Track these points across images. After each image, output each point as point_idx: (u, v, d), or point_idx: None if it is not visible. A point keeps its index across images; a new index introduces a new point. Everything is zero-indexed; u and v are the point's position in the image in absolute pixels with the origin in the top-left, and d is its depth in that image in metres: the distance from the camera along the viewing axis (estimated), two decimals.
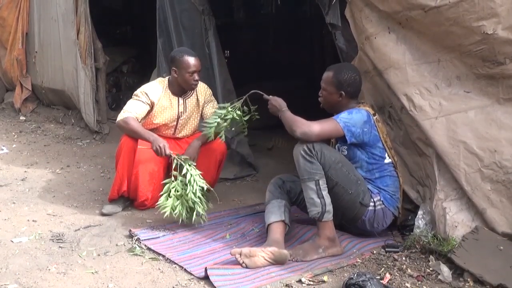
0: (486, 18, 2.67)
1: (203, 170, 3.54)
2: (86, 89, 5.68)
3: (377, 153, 3.02)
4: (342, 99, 3.04)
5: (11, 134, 5.99)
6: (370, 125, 2.96)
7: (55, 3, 6.09)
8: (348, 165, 2.96)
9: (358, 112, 2.95)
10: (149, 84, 3.77)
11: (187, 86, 3.65)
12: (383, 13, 3.10)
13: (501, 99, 2.81)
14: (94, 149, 5.40)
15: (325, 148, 2.88)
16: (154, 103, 3.66)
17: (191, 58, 3.60)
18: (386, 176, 3.05)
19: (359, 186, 2.93)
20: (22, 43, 6.75)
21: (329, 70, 3.08)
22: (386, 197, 3.02)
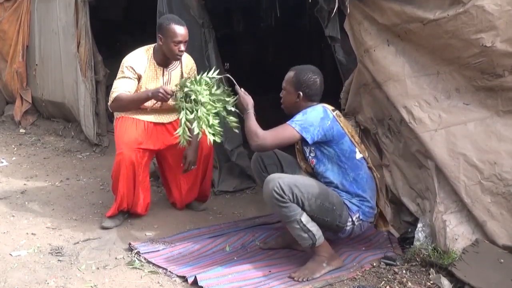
0: (484, 31, 2.69)
1: (190, 174, 3.64)
2: (86, 102, 5.69)
3: (346, 148, 2.92)
4: (299, 100, 2.98)
5: (11, 146, 5.99)
6: (329, 120, 2.87)
7: (56, 16, 6.12)
8: (321, 195, 2.82)
9: (312, 110, 2.88)
10: (134, 54, 3.60)
11: (171, 56, 3.51)
12: (382, 26, 3.12)
13: (500, 111, 2.81)
14: (93, 161, 5.40)
15: (295, 186, 2.74)
16: (141, 75, 3.54)
17: (178, 27, 3.44)
18: (362, 177, 2.94)
19: (335, 212, 2.86)
20: (23, 56, 6.78)
21: (291, 70, 3.04)
22: (365, 212, 2.96)
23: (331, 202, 2.86)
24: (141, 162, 3.54)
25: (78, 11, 5.59)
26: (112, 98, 3.49)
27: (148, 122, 3.61)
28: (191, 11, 4.30)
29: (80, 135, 6.13)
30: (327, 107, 2.95)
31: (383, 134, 3.32)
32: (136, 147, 3.49)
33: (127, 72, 3.52)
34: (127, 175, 3.48)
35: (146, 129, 3.59)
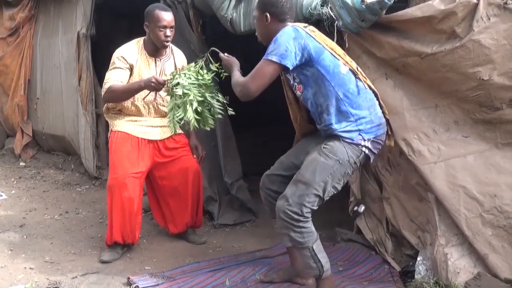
0: (481, 65, 2.72)
1: (180, 195, 3.66)
2: (87, 135, 5.71)
3: (328, 64, 2.75)
4: (269, 23, 2.87)
5: (11, 180, 5.98)
6: (302, 38, 2.71)
7: (58, 51, 6.20)
8: (323, 171, 2.72)
9: (282, 34, 2.73)
10: (124, 46, 3.59)
11: (158, 42, 3.49)
12: (380, 59, 3.16)
13: (499, 144, 2.83)
14: (93, 194, 5.38)
15: (301, 197, 2.71)
16: (133, 65, 3.51)
17: (163, 12, 3.45)
18: (352, 91, 2.77)
19: (344, 163, 2.74)
20: (24, 89, 6.83)
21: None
22: (366, 130, 2.78)
23: (334, 165, 2.74)
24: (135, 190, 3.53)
25: (80, 45, 5.66)
26: (105, 88, 3.44)
27: (141, 139, 3.60)
28: (191, 45, 4.36)
29: (80, 168, 6.14)
30: (297, 25, 2.81)
31: (382, 167, 3.32)
32: (131, 173, 3.49)
33: (118, 62, 3.49)
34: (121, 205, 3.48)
35: (139, 147, 3.58)
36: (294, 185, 2.79)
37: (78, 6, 5.71)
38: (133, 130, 3.59)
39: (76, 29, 5.70)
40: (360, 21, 3.04)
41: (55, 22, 6.30)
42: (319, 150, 2.79)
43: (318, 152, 2.79)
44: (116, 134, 3.60)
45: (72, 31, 5.81)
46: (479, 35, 2.69)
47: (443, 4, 2.79)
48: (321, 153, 2.77)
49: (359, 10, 2.99)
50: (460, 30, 2.76)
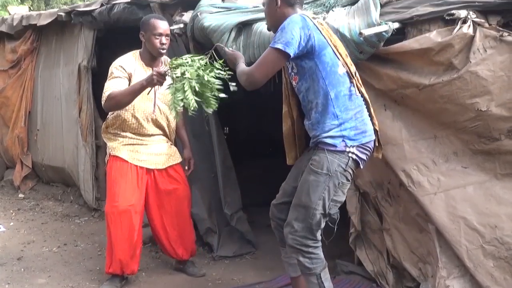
0: (479, 96, 2.74)
1: (180, 221, 3.68)
2: (86, 166, 5.72)
3: (328, 61, 2.72)
4: (279, 7, 2.83)
5: (9, 212, 5.95)
6: (309, 28, 2.66)
7: (59, 83, 6.24)
8: (317, 190, 2.71)
9: (289, 21, 2.67)
10: (121, 57, 3.59)
11: (154, 50, 3.50)
12: (379, 91, 3.18)
13: (499, 175, 2.83)
14: (92, 226, 5.35)
15: (304, 221, 2.72)
16: (131, 74, 3.50)
17: (158, 21, 3.49)
18: (343, 94, 2.73)
19: (334, 174, 2.71)
20: (25, 121, 6.85)
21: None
22: (350, 136, 2.73)
23: (325, 179, 2.71)
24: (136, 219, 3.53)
25: (81, 77, 5.71)
26: (104, 97, 3.40)
27: (139, 167, 3.59)
28: None
29: (79, 199, 6.12)
30: (306, 14, 2.76)
31: (382, 198, 3.32)
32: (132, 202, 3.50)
33: (117, 72, 3.48)
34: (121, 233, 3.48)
35: (138, 176, 3.58)
36: (295, 210, 2.80)
37: (79, 38, 5.78)
38: (131, 157, 3.58)
39: (77, 61, 5.77)
40: (358, 53, 3.08)
41: (56, 55, 6.37)
42: (307, 168, 2.79)
43: (308, 171, 2.79)
44: (114, 161, 3.59)
45: (74, 63, 5.87)
46: (476, 66, 2.72)
47: (440, 36, 2.83)
48: (310, 171, 2.76)
49: (357, 43, 3.03)
50: (457, 62, 2.79)
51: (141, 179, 3.58)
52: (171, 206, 3.71)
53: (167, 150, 3.69)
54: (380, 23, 3.01)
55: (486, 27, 2.76)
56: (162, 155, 3.65)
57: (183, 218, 3.78)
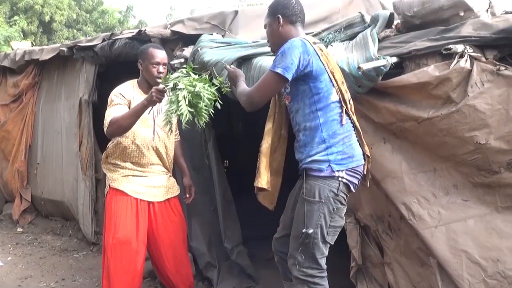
0: (478, 129, 2.76)
1: (171, 254, 3.65)
2: (86, 200, 5.70)
3: (322, 87, 2.72)
4: (282, 26, 2.85)
5: (7, 246, 5.91)
6: (308, 54, 2.67)
7: (59, 117, 6.28)
8: (313, 218, 2.70)
9: (290, 45, 2.67)
10: (120, 86, 3.62)
11: (151, 78, 3.53)
12: (378, 124, 3.20)
13: (500, 208, 2.82)
14: (90, 261, 5.31)
15: (306, 251, 2.71)
16: (130, 101, 3.52)
17: (156, 50, 3.55)
18: (332, 119, 2.73)
19: (326, 200, 2.70)
20: (25, 155, 6.87)
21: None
22: (337, 160, 2.71)
23: (318, 207, 2.70)
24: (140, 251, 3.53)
25: (81, 111, 5.76)
26: (106, 123, 3.41)
27: (140, 200, 3.58)
28: None
29: (78, 233, 6.08)
30: (306, 39, 2.76)
31: (383, 231, 3.30)
32: (134, 234, 3.49)
33: (116, 99, 3.51)
34: (123, 265, 3.44)
35: (138, 209, 3.57)
36: (295, 242, 2.79)
37: (81, 73, 5.85)
38: (130, 189, 3.57)
39: (78, 95, 5.82)
40: (357, 87, 3.11)
41: (58, 89, 6.43)
42: (300, 198, 2.78)
43: (301, 201, 2.78)
44: (114, 194, 3.58)
45: (75, 97, 5.92)
46: (474, 100, 2.74)
47: (437, 70, 2.86)
48: (303, 201, 2.75)
49: (355, 77, 3.06)
50: (455, 96, 2.82)
51: (142, 211, 3.57)
52: (168, 239, 3.68)
53: (166, 182, 3.69)
54: (379, 57, 3.04)
55: (483, 61, 2.80)
56: (161, 187, 3.65)
57: (180, 250, 3.75)
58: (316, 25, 4.25)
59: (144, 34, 4.64)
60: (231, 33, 4.47)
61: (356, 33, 3.45)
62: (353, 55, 3.16)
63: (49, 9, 20.77)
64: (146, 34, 4.62)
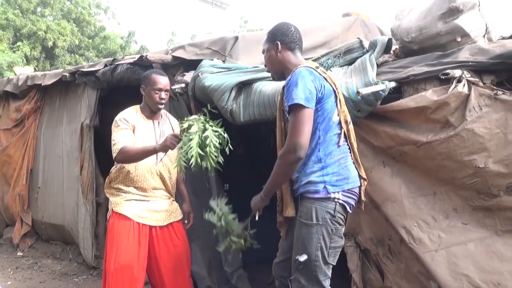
0: (476, 153, 2.76)
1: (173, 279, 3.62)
2: (86, 224, 5.67)
3: (328, 108, 2.69)
4: (280, 52, 2.84)
5: (7, 270, 5.86)
6: (319, 79, 2.67)
7: (61, 141, 6.29)
8: (310, 243, 2.68)
9: (300, 77, 2.63)
10: (124, 111, 3.63)
11: (152, 104, 3.57)
12: (377, 148, 3.20)
13: (500, 231, 2.81)
14: (90, 285, 5.25)
15: (307, 274, 2.68)
16: (134, 126, 3.54)
17: (159, 76, 3.58)
18: (330, 139, 2.70)
19: (324, 222, 2.67)
20: (26, 179, 6.85)
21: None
22: (332, 182, 2.67)
23: (317, 229, 2.67)
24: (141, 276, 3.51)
25: (83, 135, 5.76)
26: (117, 150, 3.42)
27: (142, 225, 3.56)
28: None
29: (78, 257, 6.03)
30: (310, 66, 2.74)
31: (383, 255, 3.28)
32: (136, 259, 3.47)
33: (122, 124, 3.53)
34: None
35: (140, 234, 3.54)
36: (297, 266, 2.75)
37: (83, 98, 5.87)
38: (133, 214, 3.55)
39: (80, 119, 5.83)
40: (356, 111, 3.12)
41: (60, 113, 6.45)
42: (298, 222, 2.76)
43: (298, 225, 2.75)
44: (117, 218, 3.56)
45: (76, 122, 5.93)
46: (472, 124, 2.75)
47: (435, 95, 2.88)
48: (301, 224, 2.72)
49: (355, 101, 3.07)
50: (454, 120, 2.83)
51: (143, 236, 3.55)
52: (170, 263, 3.65)
53: (168, 207, 3.67)
54: (377, 82, 3.07)
55: (480, 86, 2.82)
56: (163, 212, 3.64)
57: (182, 275, 3.72)
58: (315, 50, 4.29)
59: (146, 59, 4.68)
60: (231, 58, 4.51)
61: (355, 58, 3.47)
62: (352, 80, 3.18)
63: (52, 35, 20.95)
64: (147, 60, 4.65)
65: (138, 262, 3.48)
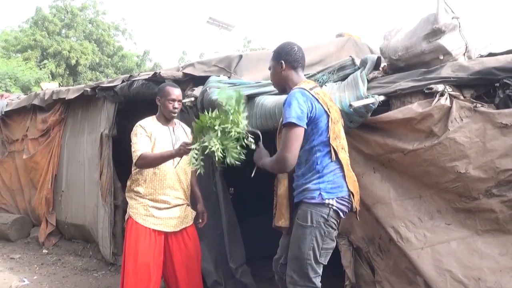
0: (458, 159, 2.75)
1: (185, 275, 3.61)
2: (105, 224, 5.66)
3: (321, 126, 2.68)
4: (284, 70, 2.85)
5: (33, 266, 5.84)
6: (311, 101, 2.66)
7: (83, 149, 6.29)
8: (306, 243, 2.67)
9: (293, 98, 2.64)
10: (142, 120, 3.66)
11: (167, 112, 3.62)
12: (368, 155, 3.19)
13: (480, 231, 2.79)
14: (108, 279, 5.23)
15: (304, 271, 2.67)
16: (151, 133, 3.57)
17: (172, 88, 3.64)
18: (325, 153, 2.69)
19: (319, 223, 2.66)
20: (51, 183, 6.84)
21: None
22: (327, 189, 2.66)
23: (311, 231, 2.66)
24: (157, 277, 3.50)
25: (102, 144, 5.76)
26: (137, 156, 3.46)
27: (157, 232, 3.55)
28: None
29: (98, 254, 6.01)
30: (303, 88, 2.72)
31: (374, 253, 3.26)
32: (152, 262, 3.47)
33: (140, 130, 3.57)
34: None
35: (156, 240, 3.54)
36: (291, 262, 2.76)
37: (102, 110, 5.87)
38: (148, 222, 3.55)
39: (100, 130, 5.83)
40: (349, 122, 3.11)
41: (82, 124, 6.45)
42: (295, 223, 2.75)
43: (296, 226, 2.75)
44: (133, 225, 3.56)
45: (97, 132, 5.93)
46: (454, 133, 2.75)
47: (420, 107, 2.87)
48: (298, 226, 2.72)
49: (347, 113, 3.07)
50: (437, 130, 2.82)
51: (159, 240, 3.57)
52: (183, 262, 3.64)
53: (180, 213, 3.65)
54: (368, 96, 3.06)
55: (461, 99, 2.81)
56: (176, 219, 3.63)
57: (193, 272, 3.69)
58: (312, 67, 4.28)
59: (159, 76, 4.68)
60: (236, 74, 4.51)
61: (348, 75, 3.47)
62: (345, 94, 3.17)
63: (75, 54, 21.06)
64: (160, 76, 4.66)
65: (154, 262, 3.48)
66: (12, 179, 7.65)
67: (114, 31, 25.23)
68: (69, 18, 22.64)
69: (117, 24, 25.35)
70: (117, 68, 23.71)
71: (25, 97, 7.70)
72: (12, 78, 16.37)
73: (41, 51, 20.73)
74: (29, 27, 22.08)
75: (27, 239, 7.14)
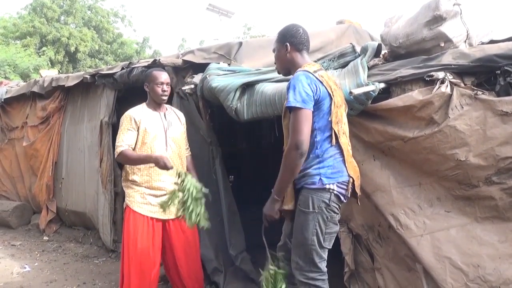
0: (458, 147, 2.75)
1: (185, 261, 3.66)
2: (105, 211, 5.67)
3: (324, 109, 2.66)
4: (289, 52, 2.83)
5: (34, 253, 5.87)
6: (315, 83, 2.63)
7: (83, 137, 6.28)
8: (308, 231, 2.67)
9: (298, 81, 2.62)
10: (131, 109, 3.66)
11: (156, 97, 3.61)
12: (368, 143, 3.19)
13: (479, 218, 2.80)
14: (109, 266, 5.26)
15: (309, 257, 2.68)
16: (141, 121, 3.56)
17: (159, 72, 3.64)
18: (326, 137, 2.67)
19: (320, 208, 2.66)
20: (51, 171, 6.85)
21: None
22: (327, 174, 2.66)
23: (313, 216, 2.66)
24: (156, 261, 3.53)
25: (102, 132, 5.76)
26: (118, 152, 3.50)
27: (155, 219, 3.57)
28: (200, 131, 4.42)
29: (98, 241, 6.04)
30: (307, 70, 2.70)
31: (373, 240, 3.27)
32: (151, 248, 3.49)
33: (126, 123, 3.57)
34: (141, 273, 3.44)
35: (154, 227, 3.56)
36: (296, 248, 2.76)
37: (102, 98, 5.86)
38: (145, 210, 3.56)
39: (99, 117, 5.82)
40: (349, 109, 3.10)
41: (81, 112, 6.44)
42: (297, 209, 2.74)
43: (298, 212, 2.74)
44: (130, 214, 3.57)
45: (96, 119, 5.92)
46: (454, 121, 2.74)
47: (421, 95, 2.86)
48: (300, 212, 2.72)
49: (348, 101, 3.05)
50: (437, 117, 2.81)
51: (157, 226, 3.59)
52: (182, 248, 3.66)
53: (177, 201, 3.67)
54: (368, 83, 3.05)
55: (462, 86, 2.80)
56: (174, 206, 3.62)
57: (192, 258, 3.73)
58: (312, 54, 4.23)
59: (159, 63, 4.66)
60: (236, 62, 4.49)
61: (348, 62, 3.45)
62: (345, 82, 3.16)
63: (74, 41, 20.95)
64: (160, 63, 4.64)
65: (153, 249, 3.50)
66: (12, 166, 7.66)
67: (113, 18, 25.07)
68: (68, 5, 22.47)
69: (116, 11, 25.18)
70: (117, 55, 23.60)
71: (25, 84, 7.68)
72: (11, 65, 16.31)
73: (40, 38, 20.62)
74: (28, 14, 21.93)
75: (28, 226, 7.17)
